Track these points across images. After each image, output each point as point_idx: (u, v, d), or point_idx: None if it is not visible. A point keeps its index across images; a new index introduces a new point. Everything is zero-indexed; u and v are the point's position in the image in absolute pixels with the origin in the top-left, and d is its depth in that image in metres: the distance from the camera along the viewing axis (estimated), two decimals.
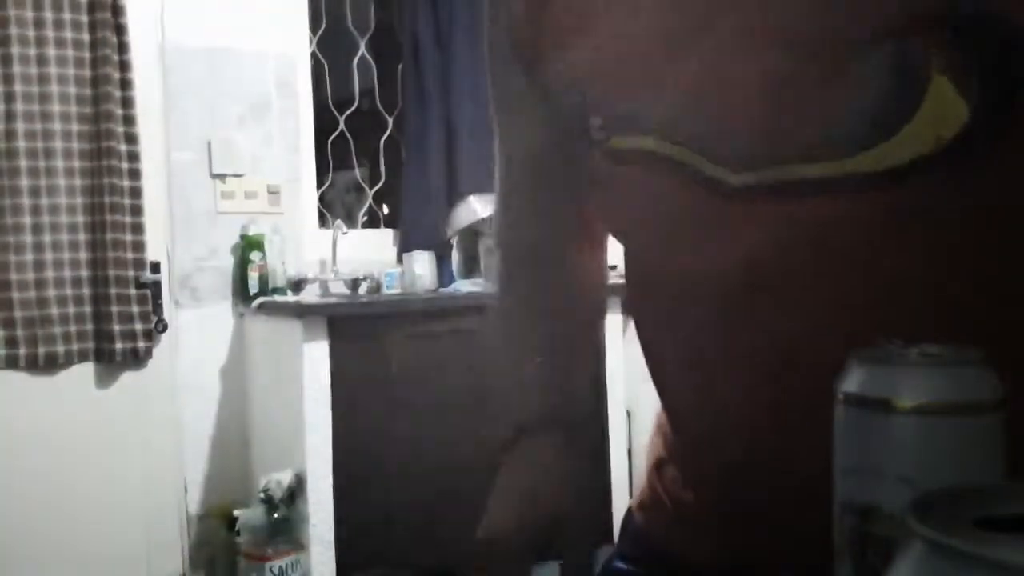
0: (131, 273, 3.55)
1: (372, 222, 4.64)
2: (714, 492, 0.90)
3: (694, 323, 0.82)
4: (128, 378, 3.65)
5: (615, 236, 0.95)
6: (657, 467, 1.00)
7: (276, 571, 3.42)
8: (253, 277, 3.89)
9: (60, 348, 3.46)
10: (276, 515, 3.45)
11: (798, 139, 0.71)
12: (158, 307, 3.70)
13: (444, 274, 4.24)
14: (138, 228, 3.56)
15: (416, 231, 4.37)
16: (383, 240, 4.49)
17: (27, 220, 3.37)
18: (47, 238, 3.43)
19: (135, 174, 3.54)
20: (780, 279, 0.72)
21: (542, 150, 1.00)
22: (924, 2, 0.66)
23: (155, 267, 3.69)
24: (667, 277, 0.85)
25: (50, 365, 3.46)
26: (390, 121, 4.62)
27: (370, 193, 4.65)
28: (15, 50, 3.28)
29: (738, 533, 0.87)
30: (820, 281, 0.71)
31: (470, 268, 4.28)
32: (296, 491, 3.47)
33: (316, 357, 3.46)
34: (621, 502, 4.15)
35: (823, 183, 0.69)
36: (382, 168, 4.63)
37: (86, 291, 3.52)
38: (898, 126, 0.66)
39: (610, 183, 0.86)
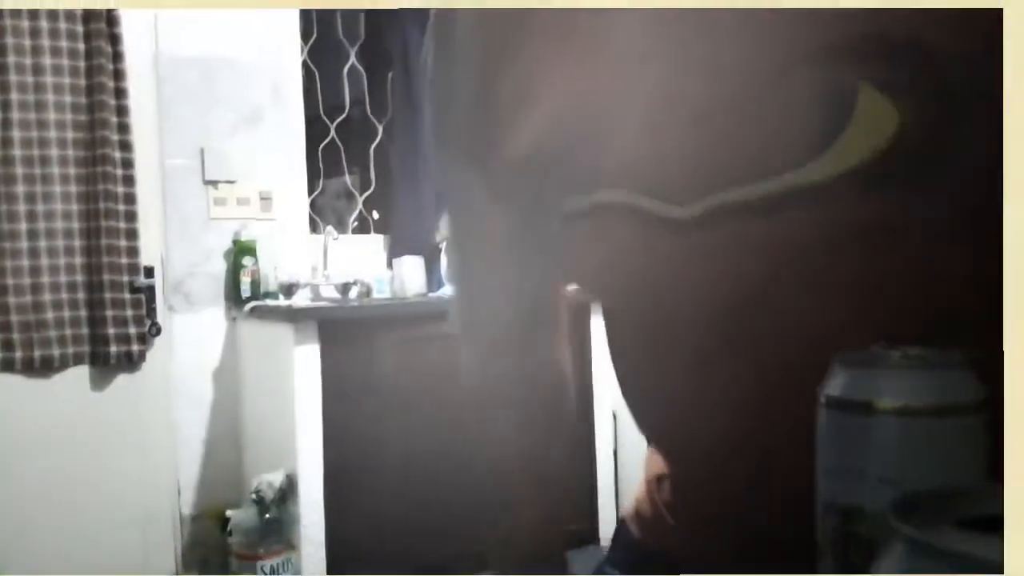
0: (125, 278, 3.57)
1: (362, 228, 4.66)
2: (708, 504, 0.89)
3: (674, 351, 0.82)
4: (122, 381, 3.66)
5: (587, 293, 0.95)
6: (657, 481, 1.00)
7: (268, 570, 3.44)
8: (245, 282, 3.91)
9: (56, 351, 3.48)
10: (268, 516, 3.46)
11: (738, 162, 0.71)
12: (152, 311, 3.71)
13: (433, 279, 4.22)
14: (132, 234, 3.59)
15: (406, 236, 4.40)
16: (373, 245, 4.51)
17: (23, 226, 3.40)
18: (43, 243, 3.46)
19: (129, 180, 3.58)
20: (748, 301, 0.73)
21: (504, 237, 0.98)
22: (849, 23, 0.67)
23: (149, 272, 3.71)
24: (641, 317, 0.85)
25: (46, 368, 3.48)
26: (380, 129, 4.66)
27: (360, 199, 4.67)
28: (11, 60, 3.32)
29: (731, 542, 0.87)
30: (791, 297, 0.72)
31: None
32: (287, 492, 3.49)
33: (307, 360, 3.47)
34: (607, 502, 4.21)
35: (767, 201, 0.69)
36: (372, 175, 4.67)
37: (81, 295, 3.54)
38: (830, 141, 0.67)
39: (573, 244, 0.86)
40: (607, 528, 4.24)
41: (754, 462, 0.78)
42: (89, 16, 3.47)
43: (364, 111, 4.64)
